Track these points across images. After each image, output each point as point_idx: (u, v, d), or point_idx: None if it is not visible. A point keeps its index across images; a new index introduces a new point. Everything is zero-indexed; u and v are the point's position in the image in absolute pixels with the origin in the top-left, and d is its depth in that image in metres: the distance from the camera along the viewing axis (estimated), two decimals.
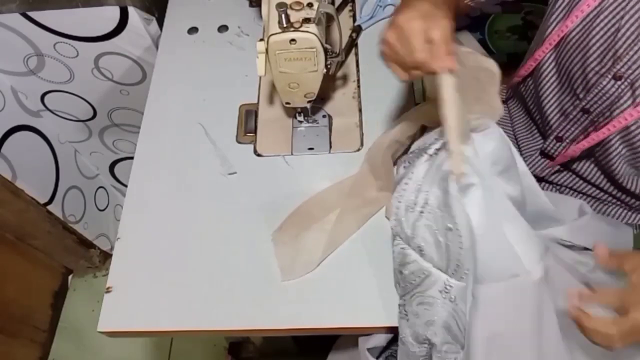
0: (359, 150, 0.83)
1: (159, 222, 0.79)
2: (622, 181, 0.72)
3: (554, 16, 0.70)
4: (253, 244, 0.76)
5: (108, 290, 0.74)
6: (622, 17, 0.62)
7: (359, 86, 0.90)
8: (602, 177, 0.76)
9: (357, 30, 0.97)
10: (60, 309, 1.57)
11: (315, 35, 0.68)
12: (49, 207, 1.32)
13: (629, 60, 0.63)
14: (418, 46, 0.54)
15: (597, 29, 0.65)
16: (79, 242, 1.48)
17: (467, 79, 0.58)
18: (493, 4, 0.74)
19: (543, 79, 0.76)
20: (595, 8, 0.65)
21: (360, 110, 0.88)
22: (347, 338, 0.85)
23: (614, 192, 0.76)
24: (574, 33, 0.68)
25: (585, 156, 0.76)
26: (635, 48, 0.62)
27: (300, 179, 0.82)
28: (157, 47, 1.01)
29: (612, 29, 0.63)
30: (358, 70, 0.92)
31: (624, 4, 0.62)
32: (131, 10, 1.00)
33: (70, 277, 1.63)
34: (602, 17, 0.64)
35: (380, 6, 0.98)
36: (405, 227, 0.63)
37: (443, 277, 0.61)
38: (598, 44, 0.65)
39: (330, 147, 0.85)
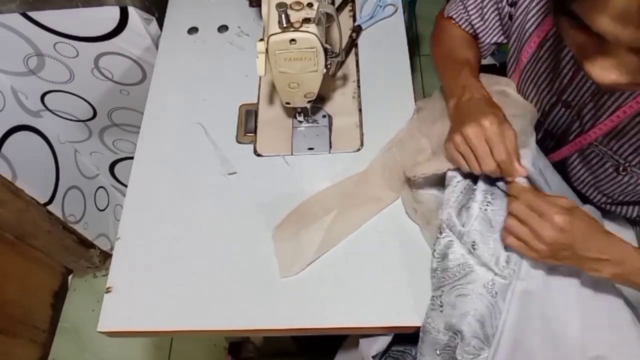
0: (359, 150, 0.83)
1: (159, 222, 0.79)
2: (585, 191, 0.74)
3: (510, 55, 0.74)
4: (253, 244, 0.76)
5: (108, 290, 0.74)
6: (561, 50, 0.63)
7: (359, 86, 0.90)
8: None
9: (357, 30, 0.97)
10: (60, 309, 1.57)
11: (315, 35, 0.68)
12: (49, 207, 1.32)
13: (573, 89, 0.64)
14: (498, 153, 0.60)
15: (542, 60, 0.67)
16: (79, 242, 1.48)
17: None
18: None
19: None
20: (539, 43, 0.67)
21: (360, 110, 0.88)
22: (353, 339, 0.85)
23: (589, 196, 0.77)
24: (526, 68, 0.71)
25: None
26: (577, 79, 0.63)
27: (300, 179, 0.82)
28: (157, 47, 1.01)
29: (556, 61, 0.65)
30: (358, 70, 0.92)
31: (558, 35, 0.63)
32: (131, 10, 1.00)
33: (70, 277, 1.63)
34: (544, 49, 0.66)
35: (380, 6, 0.98)
36: (457, 223, 0.64)
37: (489, 274, 0.62)
38: (545, 74, 0.68)
39: (330, 147, 0.85)
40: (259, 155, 0.85)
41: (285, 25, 0.67)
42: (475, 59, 0.76)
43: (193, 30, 1.01)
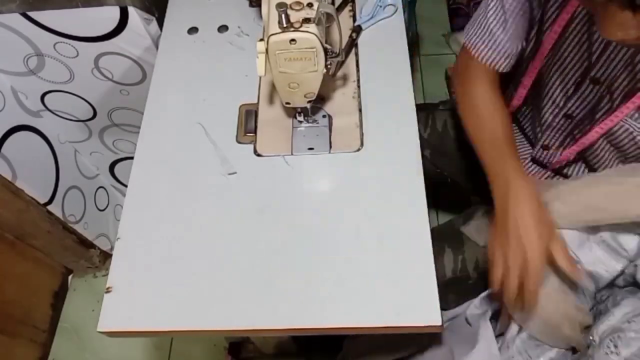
0: (359, 150, 0.83)
1: (159, 222, 0.79)
2: None
3: (530, 44, 0.72)
4: (253, 244, 0.76)
5: (108, 290, 0.74)
6: (592, 24, 0.63)
7: (359, 86, 0.90)
8: None
9: (357, 30, 0.97)
10: (60, 309, 1.57)
11: (315, 35, 0.68)
12: (49, 207, 1.31)
13: (602, 64, 0.63)
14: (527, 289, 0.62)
15: (570, 38, 0.66)
16: (79, 242, 1.47)
17: None
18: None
19: (527, 101, 0.78)
20: (565, 24, 0.66)
21: (360, 110, 0.88)
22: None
23: None
24: (550, 53, 0.69)
25: (576, 160, 0.77)
26: (607, 52, 0.62)
27: (300, 179, 0.82)
28: (157, 47, 1.01)
29: (584, 37, 0.64)
30: (358, 70, 0.92)
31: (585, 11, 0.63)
32: (131, 10, 1.00)
33: (70, 277, 1.63)
34: (572, 27, 0.65)
35: (380, 6, 0.98)
36: None
37: None
38: (573, 53, 0.67)
39: (330, 147, 0.85)
40: (259, 155, 0.85)
41: (285, 25, 0.67)
42: (509, 125, 0.75)
43: (193, 30, 1.01)
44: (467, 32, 0.81)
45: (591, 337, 0.67)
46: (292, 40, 0.68)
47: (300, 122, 0.87)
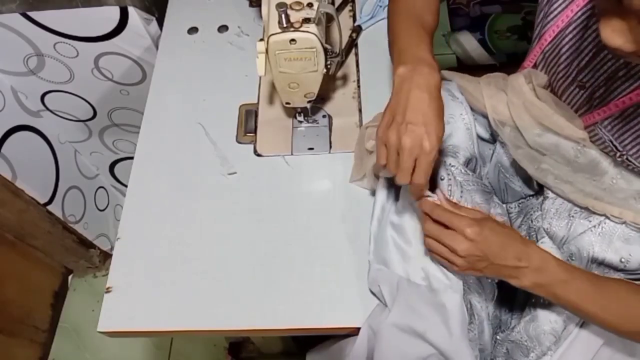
0: None
1: (159, 222, 0.79)
2: None
3: (536, 31, 0.72)
4: (253, 244, 0.76)
5: (108, 290, 0.74)
6: (587, 28, 0.63)
7: (359, 86, 0.90)
8: None
9: (357, 30, 0.97)
10: (60, 309, 1.57)
11: (315, 35, 0.68)
12: (49, 207, 1.32)
13: (589, 71, 0.64)
14: (418, 177, 0.59)
15: (567, 38, 0.66)
16: (79, 242, 1.47)
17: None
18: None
19: None
20: (568, 21, 0.66)
21: (360, 110, 0.88)
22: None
23: None
24: (550, 46, 0.69)
25: None
26: (595, 60, 0.63)
27: (300, 179, 0.82)
28: (157, 47, 1.01)
29: (578, 39, 0.65)
30: (358, 70, 0.92)
31: (586, 15, 0.63)
32: (131, 10, 1.00)
33: (70, 277, 1.63)
34: (571, 27, 0.65)
35: (380, 6, 0.98)
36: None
37: None
38: (565, 56, 0.67)
39: (330, 147, 0.85)
40: (259, 155, 0.85)
41: (285, 25, 0.67)
42: (434, 28, 0.71)
43: (193, 30, 1.01)
44: None
45: None
46: (292, 40, 0.68)
47: (300, 122, 0.87)
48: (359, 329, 0.69)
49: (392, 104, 0.62)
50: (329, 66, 0.74)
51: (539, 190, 0.73)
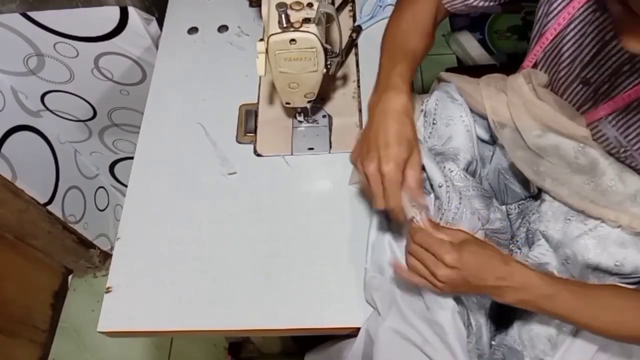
0: None
1: (159, 222, 0.79)
2: None
3: (535, 29, 0.72)
4: (253, 244, 0.76)
5: (108, 290, 0.74)
6: (590, 24, 0.63)
7: (359, 86, 0.90)
8: None
9: (357, 30, 0.97)
10: (60, 309, 1.57)
11: (315, 35, 0.68)
12: (49, 207, 1.31)
13: (593, 67, 0.64)
14: (388, 201, 0.62)
15: (569, 36, 0.66)
16: (79, 242, 1.47)
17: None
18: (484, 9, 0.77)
19: None
20: (570, 18, 0.66)
21: (360, 110, 0.88)
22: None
23: None
24: (552, 44, 0.70)
25: None
26: (599, 56, 0.63)
27: (300, 179, 0.82)
28: (157, 47, 1.01)
29: (582, 38, 0.65)
30: (358, 70, 0.92)
31: (589, 11, 0.63)
32: (131, 10, 1.00)
33: (70, 277, 1.63)
34: (572, 25, 0.65)
35: (380, 6, 0.98)
36: None
37: None
38: (568, 53, 0.67)
39: (330, 147, 0.85)
40: (259, 155, 0.85)
41: (285, 25, 0.67)
42: (423, 49, 0.73)
43: (193, 30, 1.01)
44: None
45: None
46: (292, 40, 0.68)
47: (300, 122, 0.87)
48: (358, 329, 0.69)
49: (363, 132, 0.66)
50: (329, 66, 0.74)
51: (538, 192, 0.73)
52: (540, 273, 0.59)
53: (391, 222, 0.71)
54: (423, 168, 0.66)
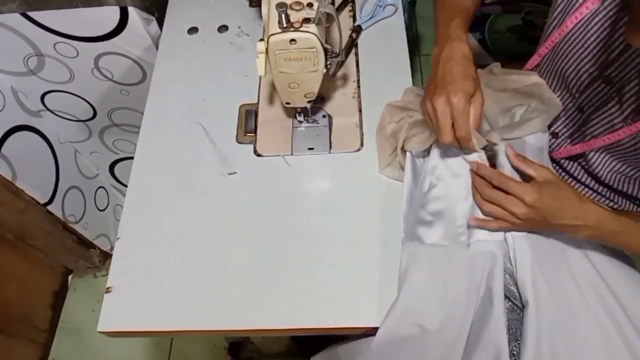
0: (359, 150, 0.83)
1: (159, 222, 0.79)
2: (611, 183, 0.75)
3: (554, 14, 0.71)
4: (253, 244, 0.76)
5: (108, 290, 0.74)
6: (617, 21, 0.62)
7: (359, 86, 0.90)
8: (589, 178, 0.78)
9: (357, 30, 0.97)
10: (60, 309, 1.57)
11: (315, 35, 0.68)
12: (49, 207, 1.31)
13: (618, 65, 0.63)
14: (459, 130, 0.65)
15: (592, 31, 0.66)
16: (79, 242, 1.47)
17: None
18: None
19: (542, 76, 0.77)
20: (594, 11, 0.65)
21: (360, 110, 0.88)
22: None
23: (603, 192, 0.78)
24: (570, 34, 0.69)
25: (577, 157, 0.77)
26: (625, 54, 0.62)
27: (300, 179, 0.82)
28: (157, 47, 1.01)
29: (606, 33, 0.64)
30: (358, 70, 0.92)
31: (617, 8, 0.62)
32: (131, 10, 1.00)
33: (70, 277, 1.63)
34: (596, 19, 0.65)
35: (380, 6, 0.98)
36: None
37: None
38: (592, 47, 0.66)
39: (330, 147, 0.85)
40: (259, 155, 0.85)
41: (285, 25, 0.67)
42: (474, 6, 0.77)
43: (193, 30, 1.01)
44: None
45: None
46: (292, 40, 0.68)
47: (300, 122, 0.87)
48: (359, 329, 0.69)
49: (429, 81, 0.69)
50: (329, 66, 0.74)
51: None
52: (611, 212, 0.64)
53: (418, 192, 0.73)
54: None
